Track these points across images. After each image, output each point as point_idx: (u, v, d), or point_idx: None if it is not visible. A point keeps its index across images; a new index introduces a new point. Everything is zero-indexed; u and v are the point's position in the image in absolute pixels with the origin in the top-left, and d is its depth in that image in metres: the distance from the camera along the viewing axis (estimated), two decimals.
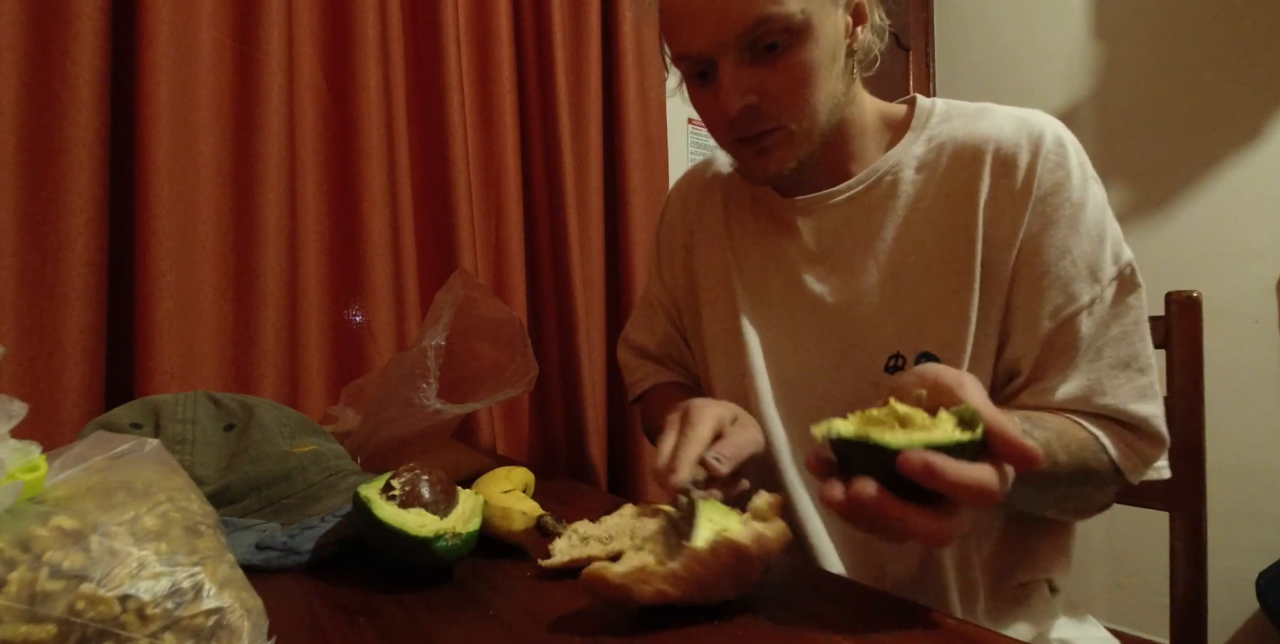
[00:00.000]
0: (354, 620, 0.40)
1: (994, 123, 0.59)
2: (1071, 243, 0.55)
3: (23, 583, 0.25)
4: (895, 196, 0.61)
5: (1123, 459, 0.54)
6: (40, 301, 0.73)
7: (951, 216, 0.58)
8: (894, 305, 0.60)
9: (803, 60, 0.55)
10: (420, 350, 0.75)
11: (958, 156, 0.59)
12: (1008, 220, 0.56)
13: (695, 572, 0.36)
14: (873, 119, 0.65)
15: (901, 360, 0.59)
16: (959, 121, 0.61)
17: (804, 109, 0.57)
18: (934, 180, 0.60)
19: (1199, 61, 1.58)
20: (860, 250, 0.62)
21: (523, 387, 0.77)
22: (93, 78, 0.75)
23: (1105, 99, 1.72)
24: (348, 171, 0.98)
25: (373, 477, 0.54)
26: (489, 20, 1.14)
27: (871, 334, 0.61)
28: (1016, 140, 0.57)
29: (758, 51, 0.55)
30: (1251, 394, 1.50)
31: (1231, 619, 1.49)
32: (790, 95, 0.56)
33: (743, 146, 0.61)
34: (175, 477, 0.34)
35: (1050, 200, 0.56)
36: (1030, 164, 0.56)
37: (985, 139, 0.58)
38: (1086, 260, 0.55)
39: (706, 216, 0.76)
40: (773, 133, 0.58)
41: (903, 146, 0.63)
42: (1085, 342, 0.55)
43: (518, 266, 1.17)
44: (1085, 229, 0.55)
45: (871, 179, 0.63)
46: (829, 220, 0.65)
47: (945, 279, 0.58)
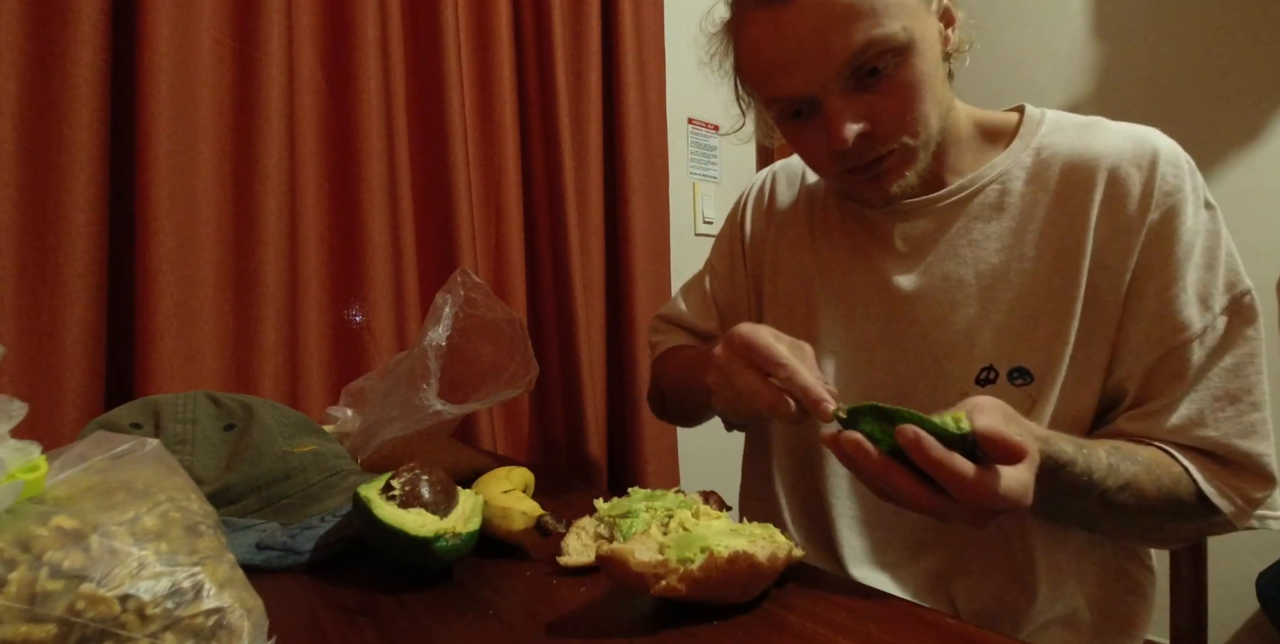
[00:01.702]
0: (354, 620, 0.40)
1: (1109, 140, 0.57)
2: (1185, 270, 0.53)
3: (23, 583, 0.25)
4: (1003, 207, 0.59)
5: (1218, 496, 0.52)
6: (40, 302, 0.73)
7: (1061, 234, 0.56)
8: (991, 316, 0.58)
9: (910, 78, 0.53)
10: (420, 350, 0.75)
11: (1070, 172, 0.57)
12: (1119, 245, 0.55)
13: (710, 577, 0.37)
14: (967, 126, 0.62)
15: (994, 373, 0.57)
16: (1071, 133, 0.59)
17: (918, 124, 0.55)
18: (1046, 195, 0.58)
19: (1199, 61, 1.58)
20: (959, 258, 0.60)
21: (523, 387, 0.77)
22: (93, 78, 0.75)
23: (1105, 99, 1.72)
24: (348, 171, 0.98)
25: (373, 477, 0.54)
26: (489, 20, 1.15)
27: (965, 343, 0.59)
28: (1134, 160, 0.55)
29: (861, 78, 0.53)
30: None
31: (1231, 619, 1.49)
32: (902, 115, 0.54)
33: (855, 175, 0.58)
34: (175, 477, 0.34)
35: (1164, 226, 0.54)
36: (1146, 186, 0.54)
37: (1099, 156, 0.56)
38: (1199, 288, 0.53)
39: (788, 218, 0.74)
40: (889, 155, 0.56)
41: (1009, 155, 0.60)
42: (1193, 371, 0.53)
43: (518, 266, 1.17)
44: (1198, 256, 0.54)
45: (975, 186, 0.60)
46: (926, 226, 0.62)
47: (1047, 297, 0.56)
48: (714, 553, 0.37)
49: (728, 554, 0.37)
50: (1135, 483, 0.50)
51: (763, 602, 0.41)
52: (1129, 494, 0.50)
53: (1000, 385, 0.57)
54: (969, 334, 0.59)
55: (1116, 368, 0.56)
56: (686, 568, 0.37)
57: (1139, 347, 0.54)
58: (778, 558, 0.39)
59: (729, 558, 0.37)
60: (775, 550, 0.39)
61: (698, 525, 0.43)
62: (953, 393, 0.58)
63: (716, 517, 0.45)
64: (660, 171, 1.38)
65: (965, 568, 0.60)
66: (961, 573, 0.60)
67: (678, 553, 0.38)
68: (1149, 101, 1.63)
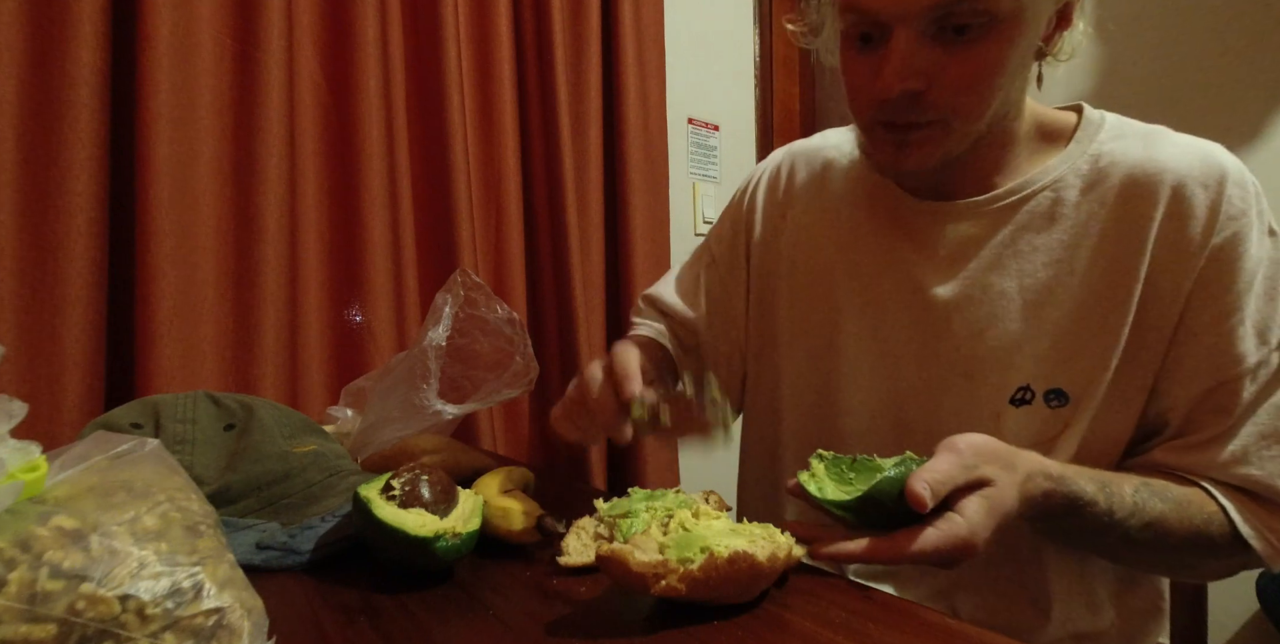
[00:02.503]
0: (354, 620, 0.40)
1: (1173, 153, 0.53)
2: (1244, 301, 0.50)
3: (23, 583, 0.25)
4: (1055, 218, 0.55)
5: (1255, 537, 0.50)
6: (40, 302, 0.73)
7: (1115, 252, 0.53)
8: (1033, 334, 0.54)
9: (992, 55, 0.48)
10: (420, 350, 0.75)
11: (1131, 185, 0.53)
12: (1178, 269, 0.51)
13: (710, 578, 0.37)
14: (1029, 127, 0.58)
15: (1030, 394, 0.54)
16: (1133, 142, 0.55)
17: (974, 109, 0.50)
18: (1103, 208, 0.54)
19: (1199, 61, 1.58)
20: (1003, 268, 0.56)
21: (523, 387, 0.77)
22: (93, 78, 0.75)
23: (1105, 99, 1.72)
24: (348, 171, 0.98)
25: (373, 477, 0.54)
26: (489, 20, 1.15)
27: (1003, 361, 0.55)
28: (1201, 179, 0.51)
29: (944, 30, 0.47)
30: None
31: (1231, 619, 1.49)
32: (965, 90, 0.49)
33: (886, 132, 0.53)
34: (175, 477, 0.34)
35: (1227, 252, 0.50)
36: (1211, 208, 0.51)
37: (1163, 170, 0.52)
38: (1256, 321, 0.50)
39: (809, 211, 0.68)
40: (927, 125, 0.51)
41: (1064, 160, 0.56)
42: (1242, 406, 0.50)
43: (518, 266, 1.17)
44: (1259, 286, 0.51)
45: (1027, 191, 0.56)
46: (970, 231, 0.57)
47: (1094, 317, 0.53)
48: (714, 553, 0.37)
49: (728, 554, 0.37)
50: (1161, 522, 0.49)
51: (763, 602, 0.41)
52: (1153, 532, 0.49)
53: (1035, 406, 0.54)
54: (1008, 351, 0.55)
55: (1161, 396, 0.53)
56: (686, 568, 0.37)
57: (1188, 377, 0.52)
58: (778, 558, 0.39)
59: (729, 558, 0.37)
60: (775, 550, 0.39)
61: (698, 525, 0.43)
62: (984, 412, 0.56)
63: (716, 517, 0.45)
64: (660, 171, 1.38)
65: (973, 584, 0.59)
66: (968, 589, 0.59)
67: (677, 553, 0.38)
68: (1149, 101, 1.63)
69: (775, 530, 0.43)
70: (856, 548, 0.41)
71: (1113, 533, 0.49)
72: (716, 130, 1.63)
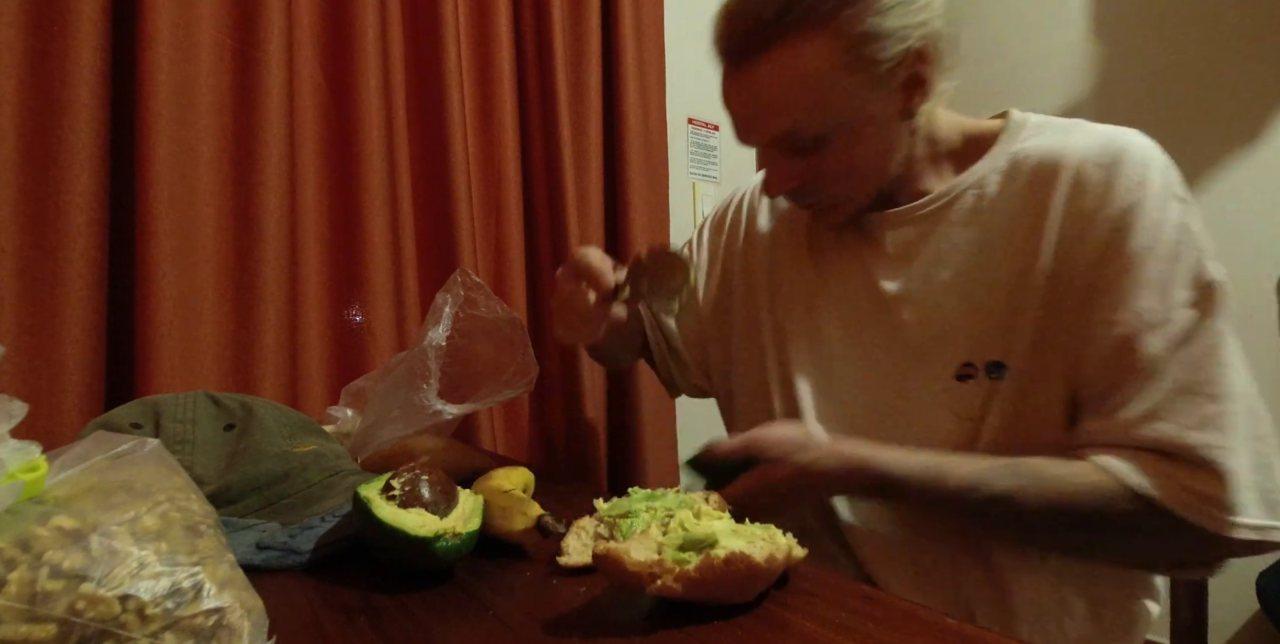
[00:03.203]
0: (354, 620, 0.40)
1: (1078, 139, 0.58)
2: (1144, 263, 0.53)
3: (23, 583, 0.25)
4: (980, 211, 0.61)
5: (1155, 486, 0.50)
6: (40, 301, 0.73)
7: (1028, 233, 0.58)
8: (967, 314, 0.61)
9: (844, 157, 0.58)
10: (420, 350, 0.75)
11: (1039, 172, 0.58)
12: (1081, 241, 0.55)
13: (706, 578, 0.37)
14: (951, 139, 0.65)
15: (974, 369, 0.60)
16: (1048, 135, 0.60)
17: (854, 191, 0.61)
18: (1017, 196, 0.59)
19: (1199, 61, 1.58)
20: (942, 261, 0.63)
21: (523, 387, 0.77)
22: (93, 78, 0.75)
23: (1105, 99, 1.72)
24: (348, 171, 0.98)
25: (373, 477, 0.54)
26: (489, 20, 1.15)
27: (947, 342, 0.61)
28: (1097, 159, 0.56)
29: (795, 150, 0.58)
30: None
31: (1231, 619, 1.49)
32: (836, 183, 0.59)
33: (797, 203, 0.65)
34: (175, 477, 0.34)
35: (1125, 221, 0.54)
36: (1107, 184, 0.55)
37: (1066, 156, 0.57)
38: (1158, 281, 0.53)
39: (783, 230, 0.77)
40: (822, 201, 0.62)
41: (988, 161, 0.62)
42: (1148, 364, 0.52)
43: (518, 266, 1.17)
44: (1162, 248, 0.53)
45: (954, 193, 0.63)
46: (911, 233, 0.65)
47: (1013, 292, 0.58)
48: (710, 554, 0.37)
49: (725, 555, 0.37)
50: (1012, 497, 0.52)
51: (762, 602, 0.41)
52: (1005, 508, 0.52)
53: (979, 380, 0.60)
54: (950, 333, 0.61)
55: (1081, 364, 0.56)
56: (683, 568, 0.37)
57: (1098, 339, 0.54)
58: (776, 559, 0.39)
59: (726, 559, 0.37)
60: (774, 552, 0.39)
61: (698, 525, 0.43)
62: (936, 388, 0.62)
63: (718, 517, 0.45)
64: (660, 172, 1.39)
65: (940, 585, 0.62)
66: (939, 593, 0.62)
67: (674, 553, 0.38)
68: (1149, 101, 1.63)
69: (776, 531, 0.43)
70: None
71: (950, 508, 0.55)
72: (716, 130, 1.64)
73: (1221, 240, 0.55)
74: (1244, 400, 0.52)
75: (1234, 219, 1.52)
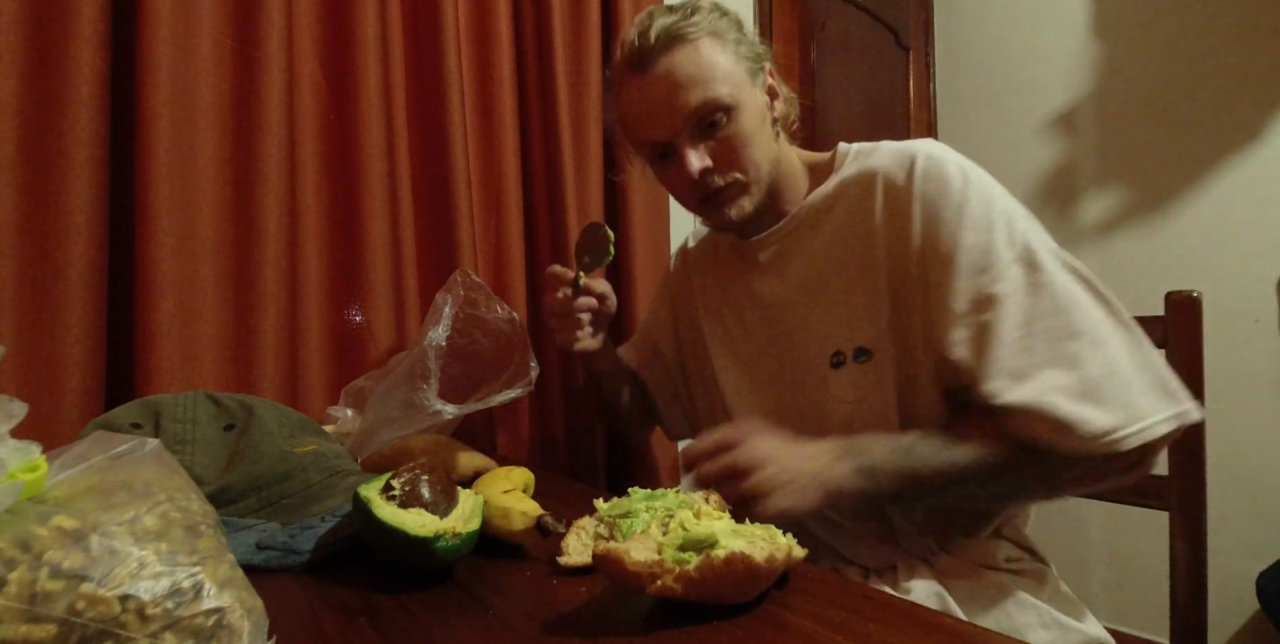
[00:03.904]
0: (354, 620, 0.40)
1: (882, 154, 0.71)
2: (961, 237, 0.62)
3: (23, 583, 0.25)
4: (819, 224, 0.74)
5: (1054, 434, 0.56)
6: (40, 301, 0.73)
7: (859, 234, 0.70)
8: (827, 309, 0.72)
9: (738, 129, 0.69)
10: (420, 350, 0.75)
11: (859, 187, 0.71)
12: (899, 230, 0.67)
13: (706, 578, 0.37)
14: (798, 168, 0.78)
15: (843, 356, 0.71)
16: (863, 158, 0.73)
17: (748, 164, 0.71)
18: (845, 206, 0.72)
19: (1199, 61, 1.58)
20: (803, 269, 0.75)
21: (523, 387, 0.78)
22: (93, 78, 0.75)
23: (1105, 99, 1.72)
24: (348, 171, 0.98)
25: (373, 477, 0.54)
26: (489, 20, 1.14)
27: (818, 336, 0.73)
28: (899, 165, 0.68)
29: (703, 129, 0.69)
30: (1251, 394, 1.50)
31: (1231, 619, 1.49)
32: (735, 156, 0.70)
33: (707, 204, 0.74)
34: (175, 477, 0.34)
35: (933, 205, 0.65)
36: (907, 182, 0.67)
37: (875, 171, 0.70)
38: (979, 249, 0.62)
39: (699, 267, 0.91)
40: (729, 187, 0.72)
41: (825, 187, 0.75)
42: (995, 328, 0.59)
43: (518, 266, 1.17)
44: (972, 222, 0.63)
45: (804, 212, 0.76)
46: (776, 248, 0.78)
47: (862, 286, 0.69)
48: (710, 554, 0.37)
49: (725, 555, 0.37)
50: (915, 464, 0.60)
51: (763, 602, 0.41)
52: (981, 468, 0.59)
53: (850, 365, 0.70)
54: (819, 328, 0.73)
55: (934, 339, 0.64)
56: (682, 568, 0.37)
57: (945, 315, 0.63)
58: (776, 559, 0.39)
59: (725, 559, 0.37)
60: (774, 552, 0.39)
61: (698, 525, 0.43)
62: (815, 378, 0.73)
63: (718, 517, 0.45)
64: None
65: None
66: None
67: (674, 553, 0.38)
68: (1149, 101, 1.63)
69: (776, 532, 0.43)
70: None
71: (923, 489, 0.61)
72: None
73: (1221, 240, 0.55)
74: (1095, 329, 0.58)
75: (1234, 219, 1.52)
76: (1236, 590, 1.42)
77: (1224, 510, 1.48)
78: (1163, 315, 0.75)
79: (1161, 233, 1.61)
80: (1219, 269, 1.53)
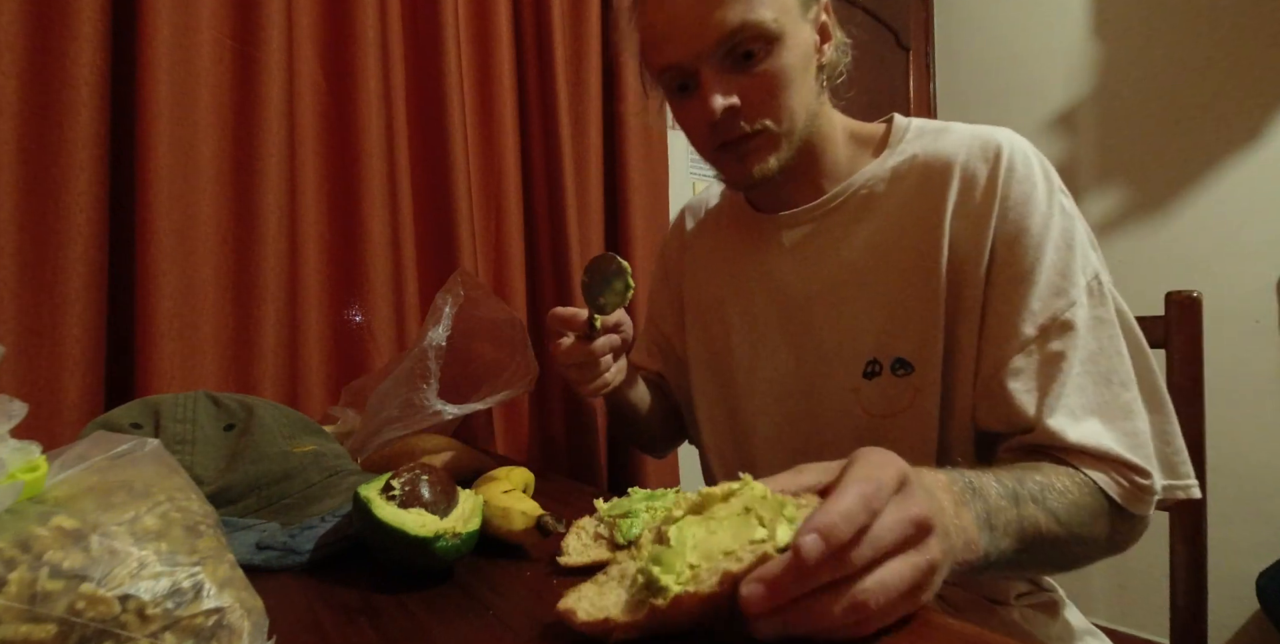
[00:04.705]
0: (354, 620, 0.40)
1: (958, 138, 0.61)
2: (1038, 257, 0.55)
3: (23, 583, 0.25)
4: (871, 208, 0.64)
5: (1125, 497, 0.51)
6: (40, 302, 0.73)
7: (920, 230, 0.60)
8: (866, 310, 0.62)
9: (778, 66, 0.58)
10: (420, 350, 0.75)
11: (926, 172, 0.61)
12: (974, 234, 0.58)
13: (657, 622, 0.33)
14: (843, 136, 0.67)
15: (879, 366, 0.61)
16: (928, 138, 0.63)
17: (782, 111, 0.59)
18: (907, 194, 0.62)
19: (1199, 61, 1.58)
20: (840, 259, 0.64)
21: (523, 387, 0.78)
22: (93, 78, 0.75)
23: (1105, 99, 1.72)
24: (348, 171, 0.98)
25: (373, 477, 0.54)
26: (489, 20, 1.14)
27: (851, 340, 0.63)
28: (981, 156, 0.59)
29: (736, 59, 0.58)
30: (1251, 394, 1.50)
31: (1231, 619, 1.49)
32: (769, 98, 0.59)
33: (725, 153, 0.62)
34: (175, 477, 0.34)
35: (1016, 211, 0.56)
36: (991, 177, 0.58)
37: (951, 156, 0.60)
38: (1058, 270, 0.55)
39: (697, 240, 0.80)
40: (755, 136, 0.60)
41: (879, 162, 0.65)
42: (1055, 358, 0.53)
43: (518, 266, 1.17)
44: (1056, 237, 0.56)
45: (848, 192, 0.65)
46: (808, 231, 0.67)
47: (914, 290, 0.60)
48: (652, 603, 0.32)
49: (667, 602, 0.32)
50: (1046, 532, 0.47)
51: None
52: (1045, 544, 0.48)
53: (885, 377, 0.61)
54: (853, 331, 0.63)
55: (985, 357, 0.57)
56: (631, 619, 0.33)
57: (1002, 336, 0.55)
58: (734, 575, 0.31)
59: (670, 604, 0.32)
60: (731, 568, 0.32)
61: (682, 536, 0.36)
62: (845, 388, 0.63)
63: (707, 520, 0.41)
64: (660, 171, 1.38)
65: None
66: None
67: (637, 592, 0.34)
68: (1149, 101, 1.63)
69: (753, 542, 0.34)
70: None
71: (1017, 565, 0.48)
72: None
73: (1221, 240, 0.55)
74: (1143, 380, 0.55)
75: (1234, 219, 1.52)
76: (1236, 590, 1.42)
77: (1224, 510, 1.48)
78: (1163, 315, 0.75)
79: (1161, 233, 1.61)
80: (1219, 269, 1.53)
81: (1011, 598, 0.64)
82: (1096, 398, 0.53)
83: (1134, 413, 0.53)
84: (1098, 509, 0.51)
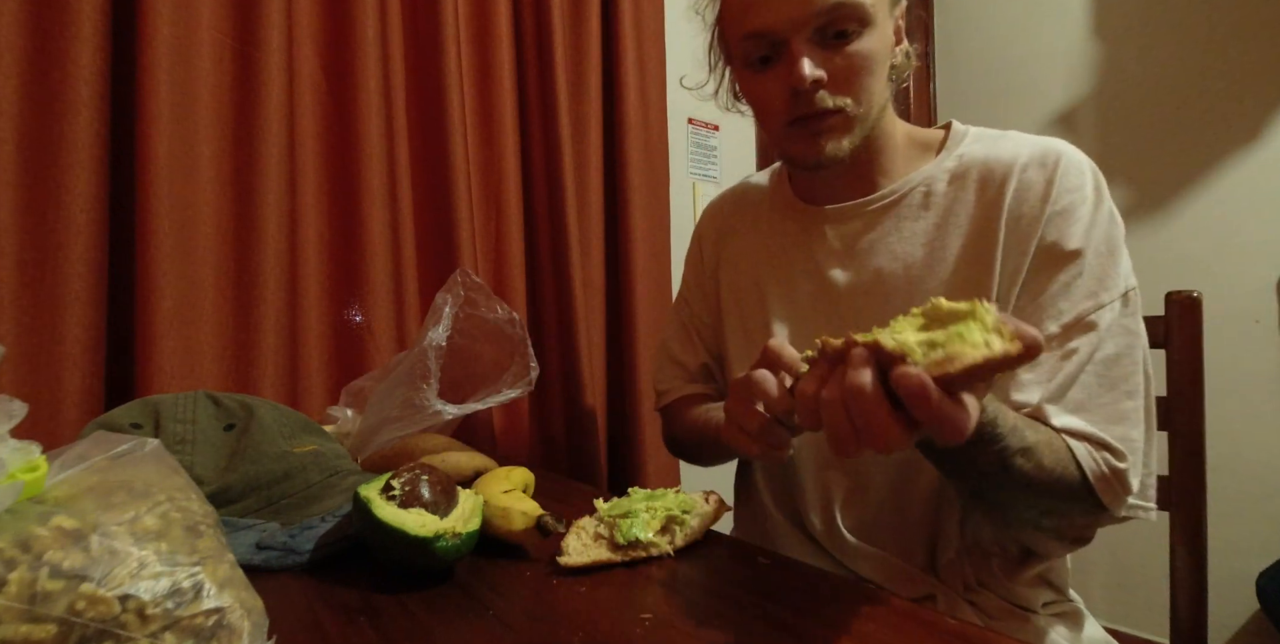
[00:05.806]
0: (354, 620, 0.40)
1: (1019, 145, 0.63)
2: (1079, 261, 0.57)
3: (23, 583, 0.25)
4: (928, 206, 0.65)
5: (1097, 479, 0.53)
6: (40, 302, 0.73)
7: (978, 230, 0.61)
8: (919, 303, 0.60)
9: (868, 49, 0.59)
10: (420, 350, 0.75)
11: (986, 174, 0.63)
12: (1025, 236, 0.59)
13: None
14: (902, 137, 0.68)
15: None
16: (989, 143, 0.65)
17: (863, 93, 0.60)
18: (966, 195, 0.63)
19: (1199, 61, 1.58)
20: (890, 254, 0.65)
21: (523, 387, 0.78)
22: (93, 78, 0.75)
23: (1105, 99, 1.72)
24: (348, 171, 0.98)
25: (373, 477, 0.54)
26: (489, 20, 1.14)
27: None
28: (1040, 162, 0.61)
29: (827, 37, 0.58)
30: (1251, 394, 1.50)
31: (1231, 619, 1.49)
32: (855, 78, 0.59)
33: (799, 128, 0.62)
34: (175, 477, 0.34)
35: (1064, 217, 0.58)
36: (1047, 183, 0.59)
37: (1011, 159, 0.62)
38: (1095, 276, 0.57)
39: (737, 237, 0.79)
40: (833, 114, 0.60)
41: (936, 164, 0.66)
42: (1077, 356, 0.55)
43: (518, 266, 1.17)
44: (1099, 244, 0.58)
45: (905, 190, 0.66)
46: (859, 226, 0.67)
47: (968, 286, 0.61)
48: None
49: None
50: (1035, 450, 0.50)
51: (764, 602, 0.41)
52: (1025, 460, 0.50)
53: None
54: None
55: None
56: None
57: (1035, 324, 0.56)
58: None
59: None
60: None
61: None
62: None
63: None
64: (660, 171, 1.38)
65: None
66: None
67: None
68: (1149, 101, 1.63)
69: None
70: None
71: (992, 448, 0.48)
72: (716, 130, 1.64)
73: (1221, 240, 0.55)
74: (1147, 398, 0.57)
75: (1234, 219, 1.52)
76: (1236, 590, 1.42)
77: (1224, 510, 1.47)
78: (1163, 315, 0.75)
79: (1161, 233, 1.61)
80: (1219, 269, 1.53)
81: (1039, 606, 0.65)
82: (1097, 399, 0.55)
83: (1130, 421, 0.55)
84: (1071, 480, 0.53)
